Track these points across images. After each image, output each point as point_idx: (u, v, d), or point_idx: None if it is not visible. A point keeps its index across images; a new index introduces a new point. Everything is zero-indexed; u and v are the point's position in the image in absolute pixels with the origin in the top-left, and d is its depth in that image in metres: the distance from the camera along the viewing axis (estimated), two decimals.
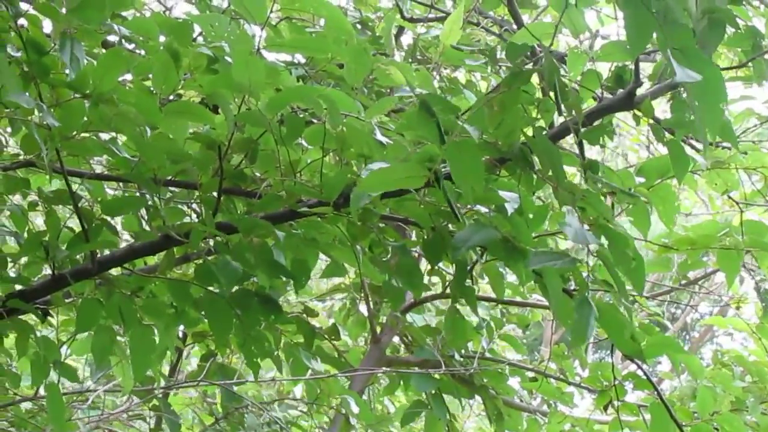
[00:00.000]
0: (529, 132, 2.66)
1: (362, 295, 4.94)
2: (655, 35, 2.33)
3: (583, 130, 2.81)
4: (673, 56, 2.27)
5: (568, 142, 3.27)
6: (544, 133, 2.76)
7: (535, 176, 2.70)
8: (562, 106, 2.77)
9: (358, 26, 4.83)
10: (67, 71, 2.72)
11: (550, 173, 2.60)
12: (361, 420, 4.52)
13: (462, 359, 4.71)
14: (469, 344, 4.83)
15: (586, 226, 2.57)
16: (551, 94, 2.77)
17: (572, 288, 2.92)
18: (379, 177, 2.52)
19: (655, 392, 3.71)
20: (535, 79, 2.82)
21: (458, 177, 2.49)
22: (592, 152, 5.27)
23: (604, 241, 2.61)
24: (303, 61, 3.72)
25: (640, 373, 4.15)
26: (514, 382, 5.05)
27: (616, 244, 2.56)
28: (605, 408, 4.58)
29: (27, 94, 2.70)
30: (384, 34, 4.16)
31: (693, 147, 4.27)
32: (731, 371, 5.07)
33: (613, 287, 2.69)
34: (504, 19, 5.21)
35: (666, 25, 2.28)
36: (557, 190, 2.59)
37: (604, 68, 3.27)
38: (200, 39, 3.25)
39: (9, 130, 3.04)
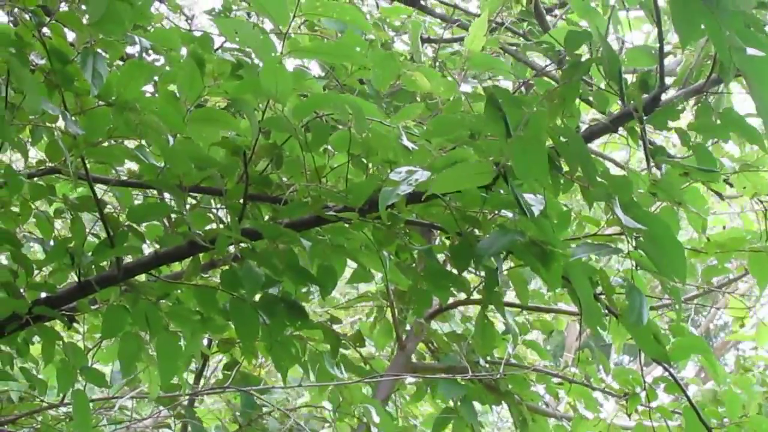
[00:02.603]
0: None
1: (388, 302, 4.92)
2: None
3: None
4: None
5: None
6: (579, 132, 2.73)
7: (561, 178, 2.66)
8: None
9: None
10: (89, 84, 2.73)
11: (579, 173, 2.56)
12: (382, 430, 4.49)
13: (487, 365, 4.69)
14: (493, 351, 4.80)
15: None
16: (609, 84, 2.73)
17: (599, 293, 2.89)
18: (450, 176, 2.51)
19: (684, 396, 3.68)
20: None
21: (522, 172, 2.44)
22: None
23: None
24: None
25: (667, 375, 4.12)
26: (539, 388, 5.03)
27: (655, 232, 2.49)
28: (629, 414, 4.55)
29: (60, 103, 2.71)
30: (412, 40, 4.15)
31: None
32: (754, 376, 5.04)
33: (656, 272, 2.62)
34: (527, 31, 5.19)
35: (717, 11, 2.24)
36: (587, 189, 2.55)
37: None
38: (219, 52, 3.25)
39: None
